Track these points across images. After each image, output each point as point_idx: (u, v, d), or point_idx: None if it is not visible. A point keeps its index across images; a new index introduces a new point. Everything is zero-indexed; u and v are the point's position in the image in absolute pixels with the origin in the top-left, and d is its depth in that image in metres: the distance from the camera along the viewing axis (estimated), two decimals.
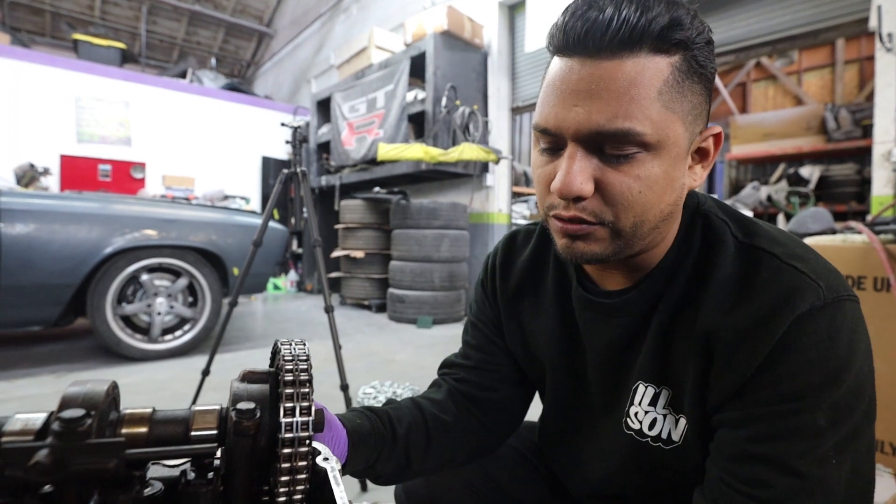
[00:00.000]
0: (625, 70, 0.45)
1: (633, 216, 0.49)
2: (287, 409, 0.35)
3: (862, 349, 0.47)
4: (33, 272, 2.58)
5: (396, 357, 3.13)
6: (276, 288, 6.71)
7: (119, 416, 0.36)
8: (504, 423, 0.78)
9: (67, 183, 6.04)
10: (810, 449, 0.45)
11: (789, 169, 5.93)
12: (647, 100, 0.45)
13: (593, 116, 0.46)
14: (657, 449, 0.58)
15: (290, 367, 0.37)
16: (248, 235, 3.28)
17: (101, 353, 3.08)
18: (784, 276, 0.48)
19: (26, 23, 9.36)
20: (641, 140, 0.46)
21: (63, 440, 0.31)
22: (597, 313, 0.62)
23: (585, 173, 0.48)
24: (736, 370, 0.48)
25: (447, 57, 4.56)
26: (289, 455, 0.35)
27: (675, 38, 0.45)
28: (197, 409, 0.38)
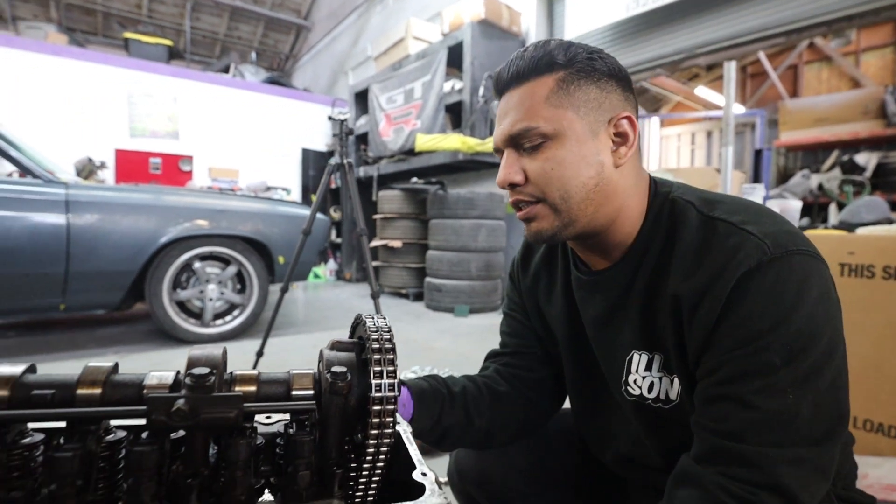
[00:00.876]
0: (520, 93, 0.63)
1: (556, 189, 0.62)
2: (376, 372, 0.40)
3: (814, 295, 0.52)
4: (98, 259, 2.77)
5: (435, 345, 3.20)
6: (316, 276, 6.90)
7: (232, 376, 0.42)
8: (547, 399, 0.85)
9: (122, 176, 6.38)
10: (766, 385, 0.51)
11: (843, 156, 5.65)
12: (538, 105, 0.62)
13: (505, 127, 0.64)
14: (659, 409, 0.66)
15: (375, 336, 0.42)
16: (291, 225, 3.40)
17: (158, 336, 3.28)
18: (734, 238, 0.56)
19: (80, 23, 9.83)
20: (539, 132, 0.61)
21: (195, 392, 0.37)
22: (585, 290, 0.73)
23: (514, 167, 0.64)
24: (700, 327, 0.56)
25: (484, 46, 4.55)
26: (378, 412, 0.40)
27: (550, 62, 0.62)
28: (295, 372, 0.44)
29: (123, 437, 0.41)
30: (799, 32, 3.35)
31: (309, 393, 0.42)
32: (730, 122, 1.86)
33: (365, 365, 0.43)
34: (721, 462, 0.51)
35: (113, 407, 0.38)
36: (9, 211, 2.57)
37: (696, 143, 8.23)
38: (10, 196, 2.59)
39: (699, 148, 8.21)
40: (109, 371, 0.40)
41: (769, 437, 0.50)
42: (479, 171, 5.25)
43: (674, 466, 0.57)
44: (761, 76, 7.70)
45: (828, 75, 7.15)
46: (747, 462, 0.50)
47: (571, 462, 0.88)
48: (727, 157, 1.87)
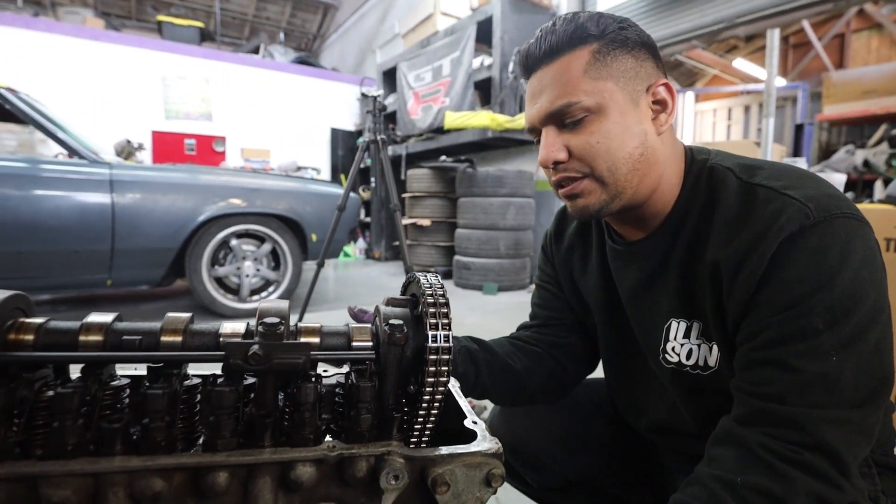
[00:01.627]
0: (555, 68, 0.63)
1: (603, 162, 0.62)
2: (432, 324, 0.43)
3: (857, 258, 0.51)
4: (141, 237, 2.89)
5: (465, 321, 3.24)
6: (346, 255, 7.01)
7: (297, 328, 0.45)
8: (576, 363, 0.88)
9: (158, 157, 6.57)
10: (809, 349, 0.50)
11: (892, 130, 5.36)
12: (576, 79, 0.61)
13: (544, 104, 0.63)
14: (696, 376, 0.66)
15: (430, 292, 0.45)
16: (324, 203, 3.46)
17: (198, 311, 3.40)
18: (775, 203, 0.55)
19: (115, 7, 10.04)
20: (582, 106, 0.61)
21: (267, 339, 0.40)
22: (622, 260, 0.73)
23: (556, 144, 0.63)
24: (740, 293, 0.56)
25: (514, 20, 4.47)
26: (434, 361, 0.42)
27: (584, 35, 0.61)
28: (354, 326, 0.47)
29: (198, 382, 0.44)
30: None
31: (368, 344, 0.45)
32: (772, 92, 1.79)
33: (419, 319, 0.45)
34: (763, 423, 0.52)
35: (194, 352, 0.41)
36: (58, 191, 2.70)
37: (733, 118, 7.93)
38: (59, 176, 2.71)
39: (736, 123, 7.91)
40: (188, 321, 0.43)
41: (812, 399, 0.50)
42: (507, 149, 5.21)
43: (709, 433, 0.58)
44: (805, 46, 7.34)
45: (878, 44, 6.76)
46: (790, 423, 0.50)
47: (604, 429, 0.90)
48: (768, 130, 1.81)
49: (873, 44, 6.80)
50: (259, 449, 0.40)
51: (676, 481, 0.77)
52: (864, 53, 6.87)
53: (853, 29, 6.93)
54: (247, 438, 0.42)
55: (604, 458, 0.89)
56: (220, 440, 0.39)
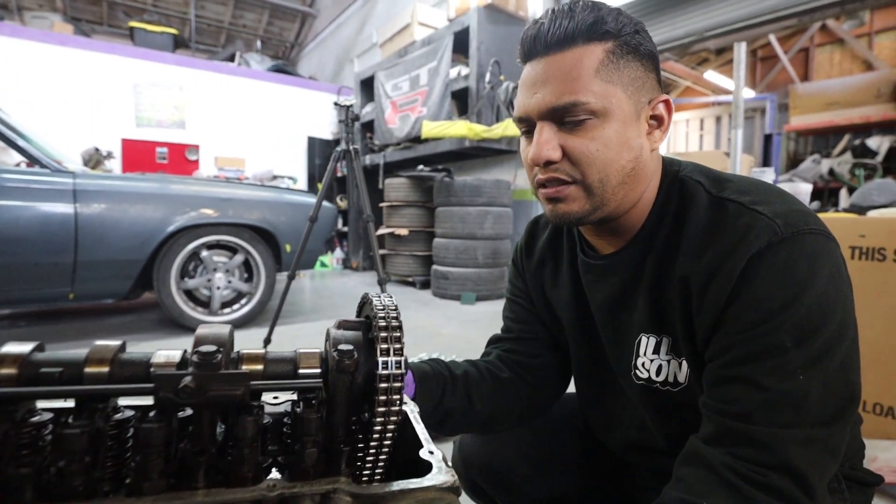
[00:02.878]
0: (566, 59, 0.58)
1: (596, 171, 0.59)
2: (383, 349, 0.40)
3: (825, 274, 0.51)
4: (106, 248, 2.79)
5: (442, 331, 3.21)
6: (323, 265, 6.92)
7: (239, 355, 0.42)
8: (551, 384, 0.85)
9: (128, 165, 6.40)
10: (777, 366, 0.50)
11: (855, 140, 5.56)
12: (587, 77, 0.57)
13: (547, 97, 0.58)
14: (666, 392, 0.65)
15: (382, 314, 0.42)
16: (298, 213, 3.40)
17: (166, 325, 3.31)
18: (744, 218, 0.55)
19: (85, 12, 9.82)
20: (588, 108, 0.57)
21: (202, 370, 0.37)
22: (594, 275, 0.71)
23: (552, 142, 0.59)
24: (709, 309, 0.55)
25: (491, 31, 4.50)
26: (385, 389, 0.39)
27: (602, 30, 0.57)
28: (302, 351, 0.44)
29: (131, 415, 0.41)
30: (811, 13, 3.28)
31: (316, 371, 0.42)
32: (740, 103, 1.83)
33: (371, 343, 0.42)
34: (729, 443, 0.51)
35: (121, 385, 0.38)
36: (18, 201, 2.59)
37: (705, 128, 8.12)
38: (19, 186, 2.61)
39: (708, 133, 8.10)
40: (117, 349, 0.39)
41: (778, 418, 0.49)
42: (485, 159, 5.22)
43: (680, 450, 0.57)
44: (772, 60, 7.58)
45: (840, 58, 7.02)
46: (756, 443, 0.49)
47: (577, 447, 0.88)
48: (737, 140, 1.84)
49: (836, 58, 7.06)
50: (190, 491, 0.37)
51: (650, 499, 0.76)
52: (827, 67, 7.13)
53: (817, 43, 7.19)
54: (179, 479, 0.38)
55: (576, 476, 0.87)
56: (147, 482, 0.36)
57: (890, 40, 6.52)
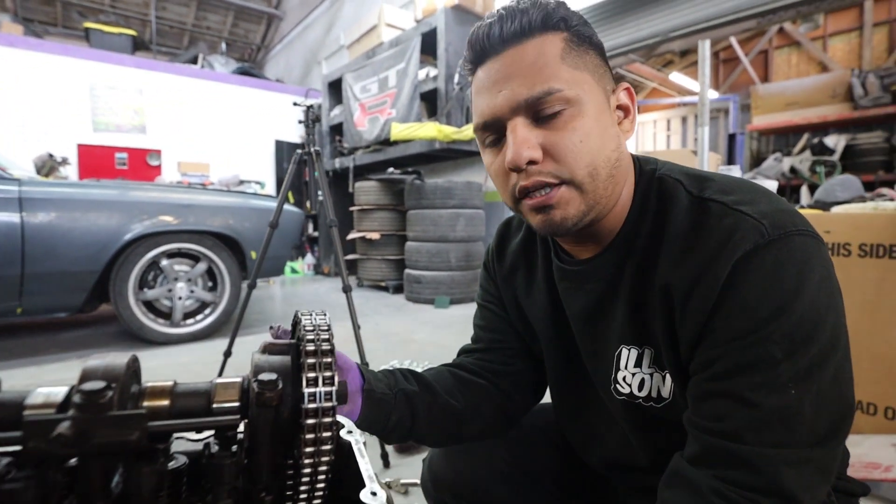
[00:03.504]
0: (527, 50, 0.54)
1: (585, 165, 0.54)
2: (310, 379, 0.34)
3: (815, 280, 0.47)
4: (57, 260, 2.63)
5: (415, 337, 3.14)
6: (294, 271, 6.77)
7: (140, 389, 0.35)
8: (524, 394, 0.80)
9: (86, 172, 6.13)
10: (767, 380, 0.46)
11: (813, 139, 5.74)
12: (555, 64, 0.53)
13: (517, 90, 0.53)
14: (649, 408, 0.60)
15: (311, 336, 0.36)
16: (264, 219, 3.29)
17: (125, 338, 3.15)
18: (728, 220, 0.51)
19: (38, 13, 9.41)
20: (563, 96, 0.53)
21: (85, 412, 0.31)
22: (570, 282, 0.66)
23: (530, 140, 0.53)
24: (692, 318, 0.51)
25: (459, 32, 4.47)
26: (313, 426, 0.34)
27: (555, 17, 0.54)
28: (219, 381, 0.37)
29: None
30: (770, 14, 3.35)
31: (234, 405, 0.36)
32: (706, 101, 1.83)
33: (300, 371, 0.36)
34: (717, 464, 0.47)
35: None
36: None
37: (672, 129, 8.29)
38: None
39: (675, 134, 8.27)
40: None
41: (769, 437, 0.45)
42: (456, 161, 5.19)
43: (663, 468, 0.53)
44: (734, 62, 7.78)
45: (797, 60, 7.25)
46: (746, 464, 0.45)
47: (555, 463, 0.82)
48: (703, 138, 1.84)
49: (793, 59, 7.29)
50: None
51: None
52: (785, 68, 7.35)
53: (775, 46, 7.41)
54: None
55: (554, 494, 0.82)
56: None
57: (842, 43, 6.77)
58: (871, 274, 1.52)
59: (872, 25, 6.42)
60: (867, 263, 1.52)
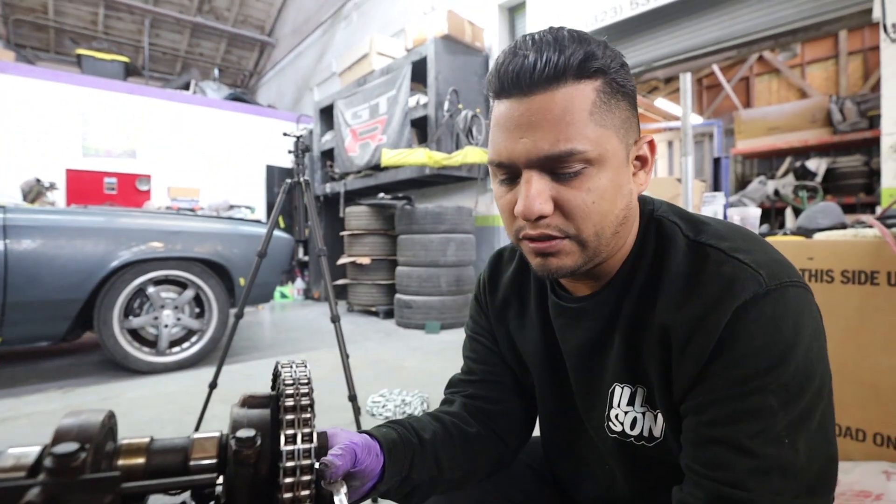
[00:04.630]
0: (556, 100, 0.51)
1: (592, 225, 0.54)
2: (288, 436, 0.34)
3: (809, 331, 0.49)
4: (40, 288, 2.59)
5: (405, 364, 3.11)
6: (284, 296, 6.71)
7: (115, 448, 0.35)
8: (517, 432, 0.78)
9: (74, 197, 6.09)
10: (764, 429, 0.47)
11: (796, 162, 5.87)
12: (582, 121, 0.51)
13: (539, 144, 0.51)
14: (642, 447, 0.60)
15: (290, 391, 0.36)
16: (253, 245, 3.28)
17: (109, 368, 3.09)
18: (727, 267, 0.52)
19: (30, 39, 9.48)
20: (585, 157, 0.51)
21: (55, 476, 0.30)
22: (567, 318, 0.66)
23: (543, 195, 0.53)
24: (690, 361, 0.51)
25: (448, 61, 4.56)
26: (291, 484, 0.33)
27: (593, 66, 0.51)
28: (196, 436, 0.37)
29: None
30: (748, 45, 3.47)
31: (211, 462, 0.35)
32: (688, 131, 1.87)
33: (279, 427, 0.36)
34: None
35: None
36: None
37: (658, 152, 8.44)
38: None
39: (661, 157, 8.40)
40: None
41: (772, 485, 0.46)
42: (446, 185, 5.23)
43: None
44: (716, 88, 7.99)
45: (777, 86, 7.47)
46: None
47: (544, 499, 0.81)
48: (687, 167, 1.88)
49: (773, 86, 7.50)
50: None
51: None
52: (766, 95, 7.56)
53: (756, 73, 7.63)
54: None
55: None
56: None
57: (820, 70, 6.99)
58: (853, 300, 1.54)
59: (847, 54, 6.65)
60: (849, 290, 1.54)
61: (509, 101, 0.54)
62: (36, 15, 8.92)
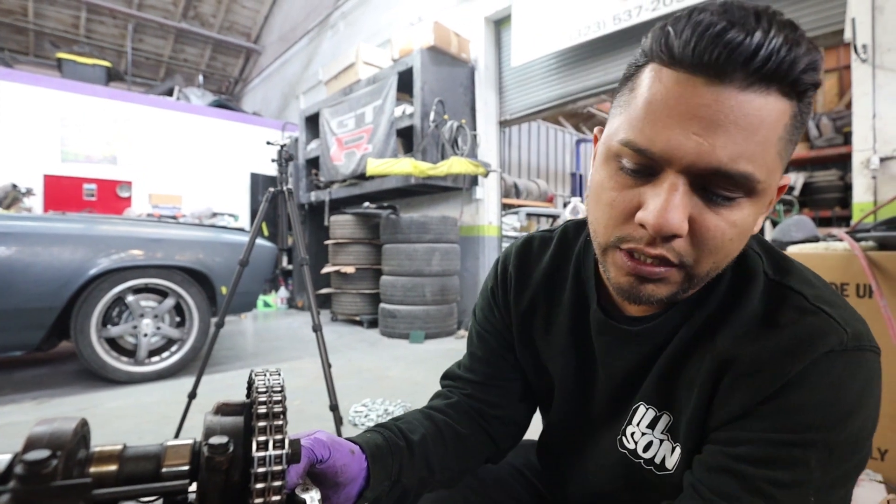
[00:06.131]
0: (756, 107, 0.40)
1: (713, 261, 0.47)
2: (259, 442, 0.35)
3: (872, 402, 0.46)
4: (14, 296, 2.53)
5: (388, 373, 3.10)
6: (267, 305, 6.65)
7: (88, 455, 0.35)
8: (510, 435, 0.77)
9: (51, 203, 5.98)
10: (793, 483, 0.44)
11: None
12: (770, 145, 0.42)
13: (717, 152, 0.41)
14: (648, 472, 0.58)
15: (263, 398, 0.37)
16: (235, 253, 3.25)
17: (85, 377, 3.02)
18: (810, 316, 0.47)
19: (9, 42, 9.33)
20: (752, 186, 0.43)
21: (26, 483, 0.30)
22: (614, 338, 0.60)
23: (686, 210, 0.43)
24: (743, 397, 0.48)
25: (434, 72, 4.60)
26: (262, 490, 0.34)
27: (806, 82, 0.41)
28: (169, 443, 0.37)
29: None
30: None
31: (183, 469, 0.36)
32: None
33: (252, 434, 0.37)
34: None
35: None
36: None
37: None
38: None
39: None
40: None
41: None
42: (432, 195, 5.25)
43: None
44: None
45: None
46: None
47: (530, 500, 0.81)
48: None
49: None
50: None
51: None
52: None
53: None
54: None
55: None
56: None
57: None
58: None
59: (824, 72, 6.84)
60: None
61: (690, 77, 0.41)
62: (15, 17, 8.80)
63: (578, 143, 8.93)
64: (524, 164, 8.36)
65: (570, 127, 9.44)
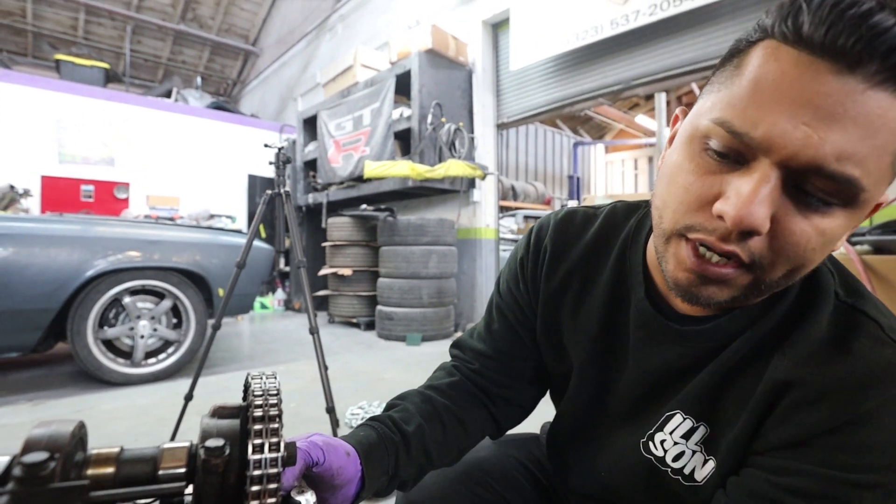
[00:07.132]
0: (882, 106, 0.35)
1: (787, 269, 0.42)
2: (255, 445, 0.35)
3: None
4: (10, 298, 2.53)
5: (385, 376, 3.10)
6: (264, 307, 6.64)
7: (85, 457, 0.35)
8: (514, 416, 0.75)
9: (49, 204, 5.97)
10: None
11: None
12: (886, 153, 0.37)
13: (825, 146, 0.36)
14: (675, 482, 0.55)
15: (259, 402, 0.37)
16: (233, 255, 3.25)
17: (81, 379, 3.01)
18: (887, 349, 0.43)
19: (7, 43, 9.32)
20: (854, 195, 0.38)
21: (24, 485, 0.31)
22: (658, 333, 0.56)
23: (772, 207, 0.39)
24: (800, 425, 0.45)
25: (432, 75, 4.62)
26: (257, 493, 0.34)
27: None
28: (166, 446, 0.38)
29: None
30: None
31: (180, 472, 0.36)
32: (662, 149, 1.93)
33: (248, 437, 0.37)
34: None
35: None
36: None
37: (639, 168, 8.62)
38: None
39: (642, 173, 8.59)
40: None
41: None
42: (429, 198, 5.26)
43: None
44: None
45: None
46: None
47: (534, 496, 0.78)
48: None
49: None
50: None
51: None
52: None
53: None
54: None
55: None
56: None
57: None
58: None
59: None
60: None
61: (814, 60, 0.36)
62: (13, 19, 8.79)
63: (576, 146, 8.97)
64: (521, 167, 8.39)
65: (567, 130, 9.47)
